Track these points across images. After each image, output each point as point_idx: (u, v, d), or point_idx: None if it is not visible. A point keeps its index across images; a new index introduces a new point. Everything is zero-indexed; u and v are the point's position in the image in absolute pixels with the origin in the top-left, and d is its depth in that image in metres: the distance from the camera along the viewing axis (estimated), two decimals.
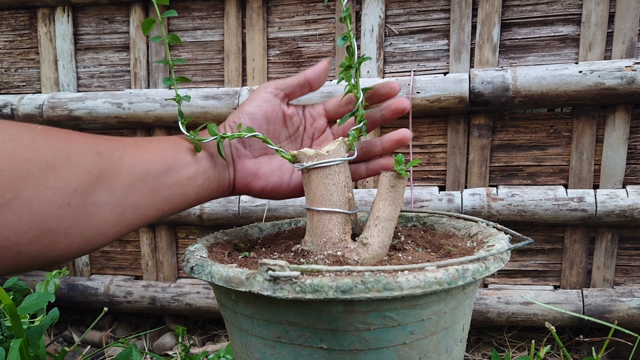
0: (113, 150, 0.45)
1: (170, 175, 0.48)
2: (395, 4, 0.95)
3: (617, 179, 0.89)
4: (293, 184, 0.57)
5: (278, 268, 0.37)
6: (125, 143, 0.47)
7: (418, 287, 0.37)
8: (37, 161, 0.38)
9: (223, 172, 0.54)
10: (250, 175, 0.55)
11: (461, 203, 0.92)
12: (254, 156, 0.56)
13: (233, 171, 0.55)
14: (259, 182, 0.55)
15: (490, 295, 0.94)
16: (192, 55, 1.05)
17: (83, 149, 0.42)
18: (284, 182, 0.56)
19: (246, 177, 0.55)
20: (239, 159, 0.55)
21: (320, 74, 0.56)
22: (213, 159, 0.53)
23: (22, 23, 1.12)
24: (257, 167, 0.56)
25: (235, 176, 0.55)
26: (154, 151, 0.48)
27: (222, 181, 0.54)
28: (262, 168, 0.56)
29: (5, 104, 1.07)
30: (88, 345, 1.11)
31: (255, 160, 0.56)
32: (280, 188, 0.56)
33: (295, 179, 0.57)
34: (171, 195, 0.48)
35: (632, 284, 0.92)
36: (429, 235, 0.58)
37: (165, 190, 0.48)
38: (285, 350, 0.42)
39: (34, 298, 0.80)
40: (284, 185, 0.56)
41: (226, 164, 0.55)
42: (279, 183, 0.56)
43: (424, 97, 0.91)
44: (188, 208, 0.52)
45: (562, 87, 0.85)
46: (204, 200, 0.53)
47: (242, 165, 0.55)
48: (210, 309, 1.04)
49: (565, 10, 0.90)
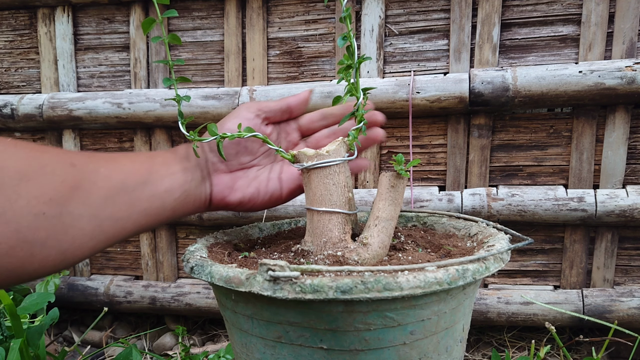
0: (87, 162, 0.44)
1: (146, 188, 0.48)
2: (395, 4, 0.95)
3: (617, 179, 0.89)
4: (270, 193, 0.57)
5: (278, 268, 0.37)
6: (98, 156, 0.47)
7: (418, 287, 0.37)
8: (9, 170, 0.37)
9: (199, 186, 0.54)
10: (227, 189, 0.55)
11: (461, 203, 0.92)
12: (230, 170, 0.57)
13: (209, 185, 0.55)
14: (236, 195, 0.56)
15: (490, 295, 0.94)
16: (192, 55, 1.05)
17: (56, 159, 0.42)
18: (260, 192, 0.57)
19: (223, 191, 0.55)
20: (215, 173, 0.56)
21: (301, 103, 0.59)
22: (189, 172, 0.53)
23: (22, 23, 1.12)
24: (234, 181, 0.56)
25: (212, 190, 0.55)
26: (129, 164, 0.48)
27: (199, 196, 0.54)
28: (238, 181, 0.56)
29: (5, 104, 1.07)
30: (88, 345, 1.11)
31: (231, 174, 0.56)
32: (257, 199, 0.56)
33: (271, 187, 0.57)
34: (148, 208, 0.48)
35: (632, 284, 0.92)
36: (429, 235, 0.58)
37: (142, 202, 0.47)
38: (285, 350, 0.42)
39: (34, 298, 0.80)
40: (260, 194, 0.57)
41: (202, 179, 0.55)
42: (255, 193, 0.56)
43: (424, 97, 0.91)
44: (165, 223, 0.52)
45: (562, 87, 0.85)
46: (181, 214, 0.53)
47: (219, 179, 0.56)
48: (210, 309, 1.04)
49: (565, 10, 0.90)
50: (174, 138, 1.06)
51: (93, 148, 1.10)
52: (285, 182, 0.58)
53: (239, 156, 0.57)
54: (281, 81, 1.01)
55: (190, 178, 0.53)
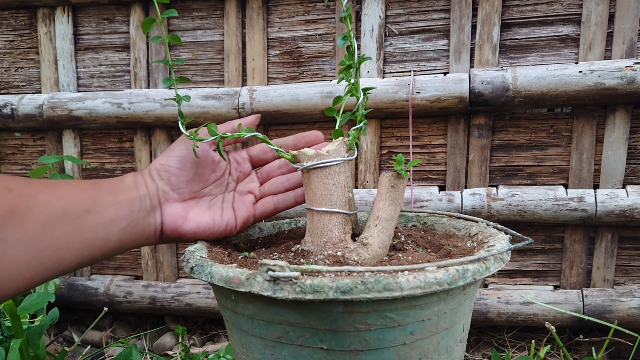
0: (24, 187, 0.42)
1: (89, 217, 0.45)
2: (395, 4, 0.95)
3: (617, 179, 0.89)
4: (225, 222, 0.56)
5: (278, 268, 0.37)
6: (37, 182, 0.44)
7: (418, 288, 0.37)
8: None
9: (148, 216, 0.51)
10: (180, 219, 0.53)
11: (461, 203, 0.92)
12: (182, 199, 0.55)
13: (160, 215, 0.53)
14: (190, 225, 0.54)
15: (490, 295, 0.94)
16: (192, 55, 1.05)
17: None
18: (216, 221, 0.55)
19: (176, 221, 0.53)
20: (166, 202, 0.53)
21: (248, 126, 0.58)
22: (136, 202, 0.51)
23: (22, 23, 1.12)
24: (186, 210, 0.54)
25: (163, 220, 0.53)
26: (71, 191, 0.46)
27: (147, 226, 0.52)
28: (192, 210, 0.54)
29: (5, 104, 1.07)
30: (88, 345, 1.11)
31: (184, 203, 0.55)
32: (212, 228, 0.55)
33: (226, 217, 0.56)
34: (91, 239, 0.45)
35: (632, 284, 0.92)
36: (429, 235, 0.58)
37: (84, 232, 0.45)
38: (285, 350, 0.42)
39: (34, 298, 0.80)
40: (216, 224, 0.55)
41: (151, 208, 0.52)
42: (211, 223, 0.55)
43: (424, 97, 0.91)
44: (110, 255, 0.49)
45: (562, 87, 0.85)
46: (128, 246, 0.51)
47: (171, 209, 0.53)
48: (210, 309, 1.04)
49: (565, 10, 0.90)
50: (174, 138, 1.06)
51: (93, 148, 1.10)
52: (238, 211, 0.57)
53: (191, 184, 0.55)
54: (281, 81, 1.01)
55: (137, 208, 0.50)
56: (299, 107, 0.95)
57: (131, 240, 0.50)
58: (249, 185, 0.60)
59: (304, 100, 0.95)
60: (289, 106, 0.96)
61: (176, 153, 0.54)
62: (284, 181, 0.60)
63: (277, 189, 0.60)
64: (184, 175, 0.54)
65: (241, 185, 0.60)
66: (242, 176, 0.61)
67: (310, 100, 0.94)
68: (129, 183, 0.52)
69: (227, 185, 0.59)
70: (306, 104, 0.95)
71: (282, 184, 0.60)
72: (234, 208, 0.57)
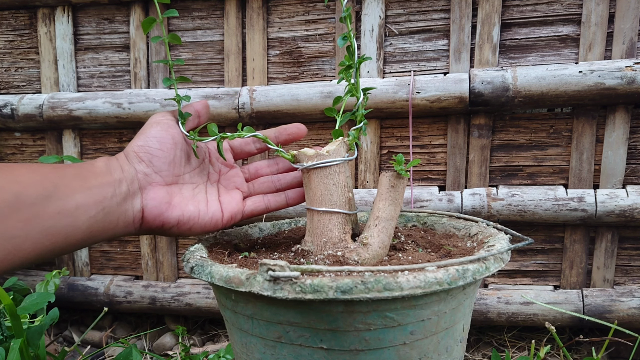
0: None
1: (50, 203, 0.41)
2: (395, 4, 0.95)
3: (617, 179, 0.89)
4: (211, 214, 0.53)
5: (278, 268, 0.37)
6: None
7: (418, 288, 0.37)
8: None
9: (124, 203, 0.47)
10: (164, 204, 0.50)
11: (461, 203, 0.92)
12: (166, 183, 0.51)
13: (141, 200, 0.49)
14: (174, 212, 0.50)
15: (490, 295, 0.94)
16: (192, 55, 1.05)
17: None
18: (201, 212, 0.52)
19: (159, 206, 0.49)
20: (149, 185, 0.50)
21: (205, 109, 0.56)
22: (109, 187, 0.46)
23: (22, 23, 1.12)
24: (170, 195, 0.51)
25: (144, 206, 0.49)
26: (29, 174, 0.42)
27: (124, 214, 0.48)
28: (175, 197, 0.51)
29: (5, 104, 1.07)
30: (88, 345, 1.11)
31: (167, 187, 0.51)
32: (197, 219, 0.52)
33: (212, 209, 0.53)
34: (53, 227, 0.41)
35: (632, 284, 0.92)
36: (429, 235, 0.58)
37: (44, 220, 0.41)
38: (286, 350, 0.42)
39: (34, 298, 0.80)
40: (201, 215, 0.52)
41: (129, 194, 0.48)
42: (195, 213, 0.52)
43: (424, 97, 0.91)
44: (80, 246, 0.45)
45: (562, 87, 0.85)
46: (101, 236, 0.47)
47: (154, 193, 0.50)
48: (210, 309, 1.04)
49: (565, 10, 0.90)
50: None
51: (93, 148, 1.10)
52: (226, 205, 0.55)
53: (173, 166, 0.52)
54: (281, 81, 1.01)
55: (110, 194, 0.46)
56: (299, 107, 0.95)
57: (105, 230, 0.46)
58: (235, 180, 0.58)
59: (304, 100, 0.95)
60: (289, 106, 0.96)
61: (153, 134, 0.51)
62: (275, 181, 0.59)
63: (268, 188, 0.59)
64: (165, 157, 0.51)
65: (225, 179, 0.58)
66: (225, 169, 0.59)
67: (310, 100, 0.94)
68: (100, 167, 0.48)
69: (209, 175, 0.57)
70: (306, 104, 0.95)
71: (274, 183, 0.59)
72: (220, 201, 0.55)
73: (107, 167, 0.48)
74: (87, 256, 1.13)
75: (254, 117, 0.98)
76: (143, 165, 0.50)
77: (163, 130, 0.51)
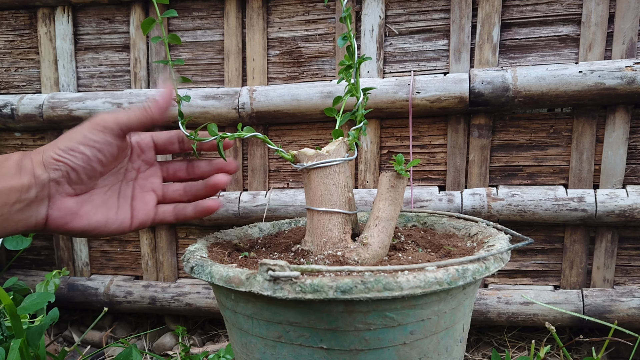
0: None
1: None
2: (395, 4, 0.95)
3: (617, 179, 0.89)
4: (119, 221, 0.52)
5: (278, 268, 0.37)
6: None
7: (418, 287, 0.37)
8: None
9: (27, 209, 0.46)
10: (69, 215, 0.49)
11: (461, 203, 0.92)
12: (77, 193, 0.50)
13: (47, 209, 0.48)
14: (80, 222, 0.49)
15: (490, 295, 0.94)
16: (192, 55, 1.05)
17: None
18: (109, 220, 0.51)
19: (65, 217, 0.48)
20: (58, 195, 0.48)
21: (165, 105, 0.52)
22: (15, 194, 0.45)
23: (22, 23, 1.12)
24: (79, 205, 0.50)
25: (49, 215, 0.48)
26: None
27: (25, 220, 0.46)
28: (84, 206, 0.50)
29: (5, 104, 1.07)
30: (88, 345, 1.11)
31: (77, 198, 0.50)
32: (104, 227, 0.51)
33: (121, 216, 0.52)
34: None
35: (632, 284, 0.92)
36: (429, 235, 0.58)
37: None
38: (285, 350, 0.42)
39: (34, 298, 0.80)
40: (109, 223, 0.51)
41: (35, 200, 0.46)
42: (102, 221, 0.51)
43: (424, 97, 0.91)
44: None
45: (562, 87, 0.85)
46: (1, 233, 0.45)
47: (62, 203, 0.48)
48: (210, 309, 1.04)
49: (565, 10, 0.90)
50: None
51: None
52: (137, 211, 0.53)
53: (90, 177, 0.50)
54: (281, 81, 1.01)
55: (14, 200, 0.44)
56: (299, 107, 0.95)
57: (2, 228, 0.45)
58: (152, 181, 0.56)
59: (304, 100, 0.95)
60: (289, 106, 0.96)
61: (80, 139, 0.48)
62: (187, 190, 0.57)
63: (179, 196, 0.57)
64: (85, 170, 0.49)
65: (143, 178, 0.56)
66: (145, 166, 0.56)
67: (310, 100, 0.94)
68: (10, 167, 0.45)
69: (126, 173, 0.55)
70: (306, 104, 0.95)
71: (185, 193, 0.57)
72: (132, 207, 0.53)
73: (18, 169, 0.46)
74: (87, 256, 1.13)
75: (254, 117, 0.98)
76: (58, 174, 0.47)
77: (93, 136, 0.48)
